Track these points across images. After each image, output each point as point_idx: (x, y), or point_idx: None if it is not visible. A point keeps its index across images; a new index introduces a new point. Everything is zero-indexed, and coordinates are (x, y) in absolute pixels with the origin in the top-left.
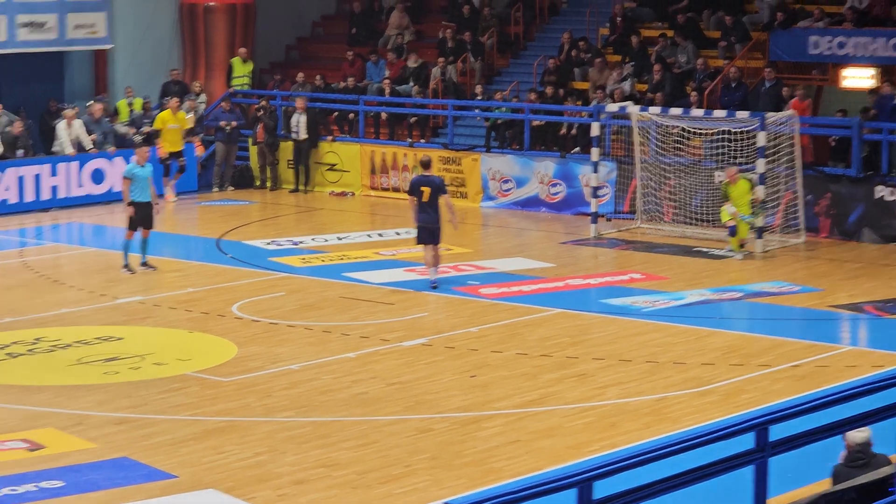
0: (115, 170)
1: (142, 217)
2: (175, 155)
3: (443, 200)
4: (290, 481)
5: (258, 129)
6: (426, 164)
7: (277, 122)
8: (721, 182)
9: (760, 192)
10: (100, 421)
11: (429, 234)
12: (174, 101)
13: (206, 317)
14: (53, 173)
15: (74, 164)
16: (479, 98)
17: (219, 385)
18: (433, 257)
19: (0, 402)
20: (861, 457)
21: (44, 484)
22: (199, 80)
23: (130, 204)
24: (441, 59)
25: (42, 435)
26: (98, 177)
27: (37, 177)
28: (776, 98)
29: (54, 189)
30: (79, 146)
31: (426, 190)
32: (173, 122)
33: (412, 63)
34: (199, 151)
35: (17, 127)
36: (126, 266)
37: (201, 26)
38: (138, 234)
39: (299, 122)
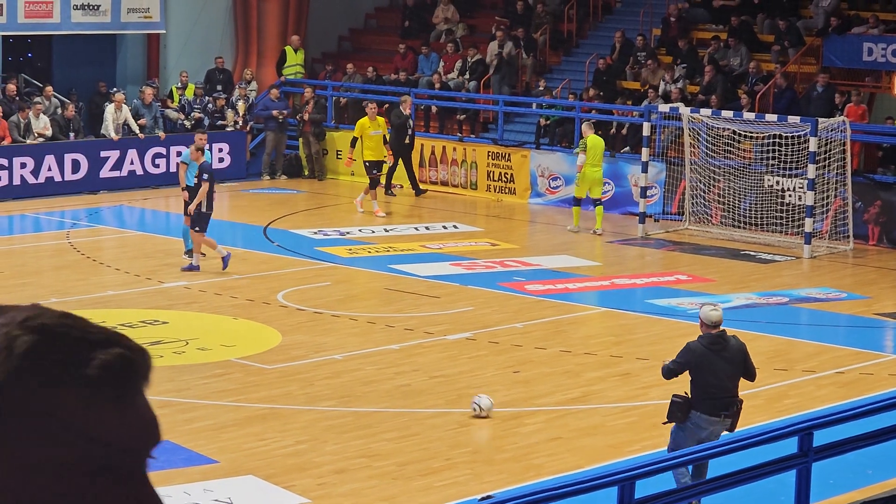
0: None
1: None
2: (375, 165)
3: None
4: (330, 470)
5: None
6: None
7: (327, 113)
8: None
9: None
10: None
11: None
12: (373, 106)
13: (251, 304)
14: (102, 156)
15: (123, 148)
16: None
17: (262, 372)
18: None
19: None
20: (720, 340)
21: None
22: (251, 67)
23: (185, 189)
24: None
25: None
26: (147, 161)
27: (85, 159)
28: (828, 104)
29: (102, 172)
30: (127, 130)
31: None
32: (374, 129)
33: (471, 57)
34: (390, 160)
35: (70, 111)
36: (188, 252)
37: (254, 14)
38: None
39: (410, 124)
